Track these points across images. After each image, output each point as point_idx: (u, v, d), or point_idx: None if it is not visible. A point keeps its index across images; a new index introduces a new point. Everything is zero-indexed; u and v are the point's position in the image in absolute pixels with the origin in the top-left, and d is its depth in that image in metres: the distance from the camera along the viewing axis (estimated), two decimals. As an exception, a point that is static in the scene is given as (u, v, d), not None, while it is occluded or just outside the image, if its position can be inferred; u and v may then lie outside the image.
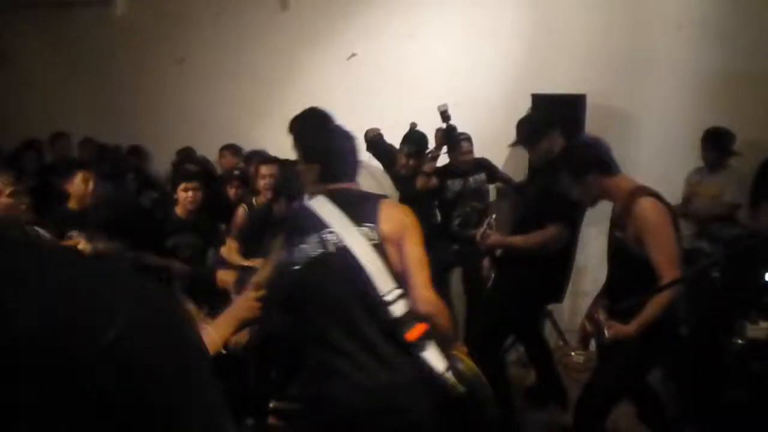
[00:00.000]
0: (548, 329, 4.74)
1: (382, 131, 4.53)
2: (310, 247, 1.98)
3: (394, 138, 4.47)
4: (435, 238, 3.87)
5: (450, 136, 4.26)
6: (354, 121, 4.12)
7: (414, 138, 4.39)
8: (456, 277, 4.60)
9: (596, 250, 3.71)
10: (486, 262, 3.94)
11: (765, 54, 4.31)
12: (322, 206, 2.03)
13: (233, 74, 5.77)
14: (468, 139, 4.45)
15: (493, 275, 3.86)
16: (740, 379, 2.90)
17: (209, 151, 5.49)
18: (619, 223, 2.80)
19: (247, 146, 5.30)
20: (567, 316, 4.76)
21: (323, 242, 1.97)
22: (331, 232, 1.97)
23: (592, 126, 4.28)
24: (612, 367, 2.84)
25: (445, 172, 4.51)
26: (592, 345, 3.19)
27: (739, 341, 2.93)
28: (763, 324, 2.91)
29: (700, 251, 3.73)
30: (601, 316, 2.79)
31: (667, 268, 2.55)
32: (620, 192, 2.78)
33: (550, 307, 4.69)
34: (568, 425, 3.07)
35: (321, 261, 1.96)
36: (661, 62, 4.57)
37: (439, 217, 4.56)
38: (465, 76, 5.00)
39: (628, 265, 2.74)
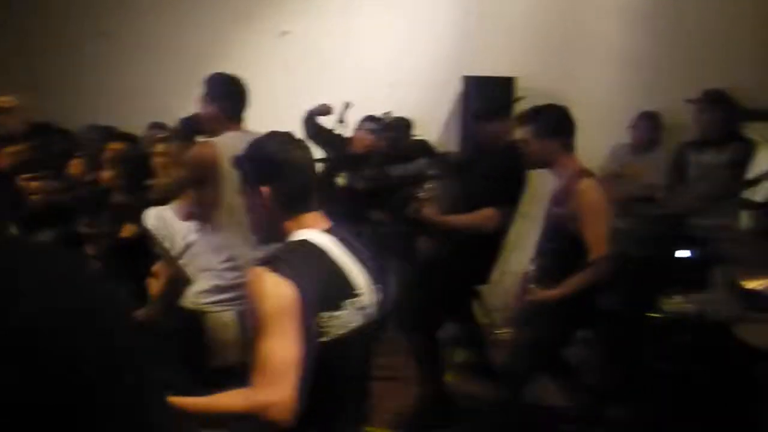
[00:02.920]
0: (477, 308, 4.87)
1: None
2: (347, 317, 1.59)
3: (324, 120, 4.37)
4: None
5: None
6: (286, 100, 4.09)
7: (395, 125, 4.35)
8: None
9: (522, 231, 3.82)
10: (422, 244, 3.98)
11: (693, 41, 4.49)
12: (338, 253, 1.64)
13: (160, 50, 5.57)
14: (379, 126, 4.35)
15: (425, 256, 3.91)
16: (661, 351, 3.05)
17: (135, 129, 5.30)
18: (559, 199, 2.92)
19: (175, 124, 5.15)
20: (493, 295, 4.87)
21: (358, 311, 1.62)
22: (361, 296, 1.64)
23: (521, 108, 4.38)
24: (533, 337, 2.97)
25: (385, 159, 4.48)
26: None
27: (659, 315, 3.09)
28: (677, 298, 3.08)
29: (620, 230, 3.88)
30: (528, 286, 2.91)
31: (597, 245, 2.73)
32: (566, 170, 2.91)
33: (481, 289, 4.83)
34: (496, 398, 3.17)
35: (355, 337, 1.61)
36: (591, 46, 4.70)
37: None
38: (399, 58, 5.01)
39: (560, 240, 2.88)
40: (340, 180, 4.16)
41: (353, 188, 4.02)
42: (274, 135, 1.74)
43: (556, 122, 2.95)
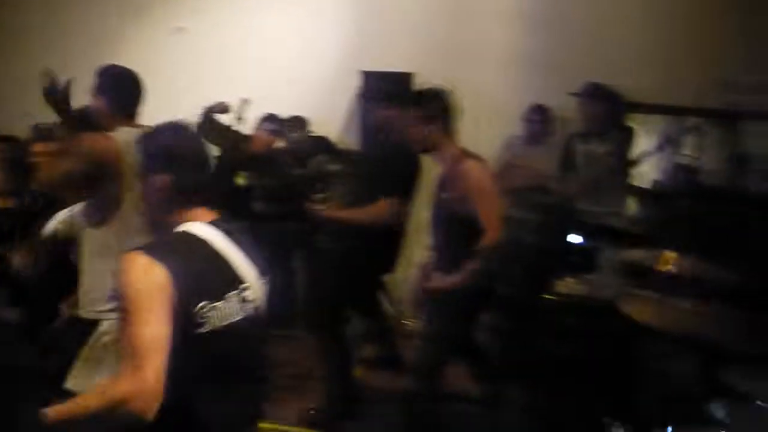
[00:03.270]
0: (384, 300, 4.94)
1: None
2: (229, 309, 1.59)
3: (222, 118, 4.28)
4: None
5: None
6: (181, 98, 3.97)
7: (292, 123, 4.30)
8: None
9: (425, 220, 3.89)
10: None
11: (581, 40, 4.70)
12: (222, 245, 1.64)
13: (46, 44, 5.26)
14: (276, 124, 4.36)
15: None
16: (555, 332, 3.21)
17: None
18: (445, 184, 2.95)
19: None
20: (399, 285, 4.96)
21: (243, 304, 1.63)
22: (247, 289, 1.65)
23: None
24: (438, 324, 3.00)
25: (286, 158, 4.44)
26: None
27: (552, 297, 3.25)
28: (569, 280, 3.25)
29: (514, 218, 4.05)
30: (428, 273, 2.94)
31: (491, 225, 2.77)
32: (449, 154, 2.94)
33: (385, 278, 4.90)
34: (407, 389, 3.23)
35: (239, 329, 1.62)
36: (485, 43, 4.83)
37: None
38: (296, 54, 4.98)
39: (452, 225, 2.92)
40: (240, 179, 4.10)
41: (254, 187, 3.98)
42: (172, 125, 1.73)
43: (438, 106, 2.97)
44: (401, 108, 3.11)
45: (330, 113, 4.46)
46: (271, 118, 4.33)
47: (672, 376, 2.51)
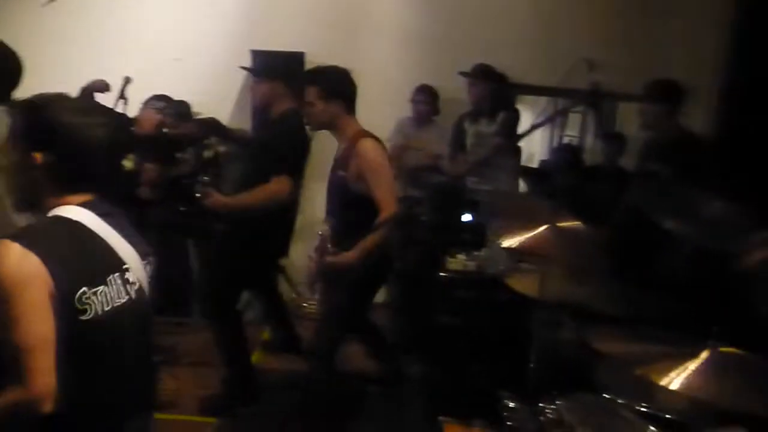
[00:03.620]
0: (282, 282, 4.90)
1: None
2: (112, 292, 1.52)
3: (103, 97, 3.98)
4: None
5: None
6: (56, 75, 3.72)
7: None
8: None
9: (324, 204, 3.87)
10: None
11: (472, 19, 4.81)
12: (99, 227, 1.54)
13: None
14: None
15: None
16: (448, 307, 3.31)
17: None
18: (342, 162, 2.96)
19: None
20: (299, 269, 4.93)
21: (126, 286, 1.56)
22: (128, 271, 1.58)
23: (311, 83, 4.43)
24: (334, 304, 3.02)
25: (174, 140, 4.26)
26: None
27: (444, 274, 3.34)
28: (460, 257, 3.35)
29: (409, 198, 4.13)
30: (324, 251, 2.94)
31: (387, 203, 2.80)
32: (348, 133, 2.95)
33: (284, 261, 4.86)
34: (305, 370, 3.23)
35: (125, 312, 1.54)
36: (376, 23, 4.85)
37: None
38: (185, 32, 4.79)
39: (349, 202, 2.94)
40: (127, 163, 3.91)
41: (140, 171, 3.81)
42: (56, 98, 1.54)
43: (339, 84, 2.96)
44: (298, 85, 3.05)
45: (221, 94, 4.33)
46: (158, 98, 4.14)
47: (558, 344, 2.64)
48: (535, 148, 6.96)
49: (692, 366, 1.35)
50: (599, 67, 2.00)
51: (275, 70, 3.51)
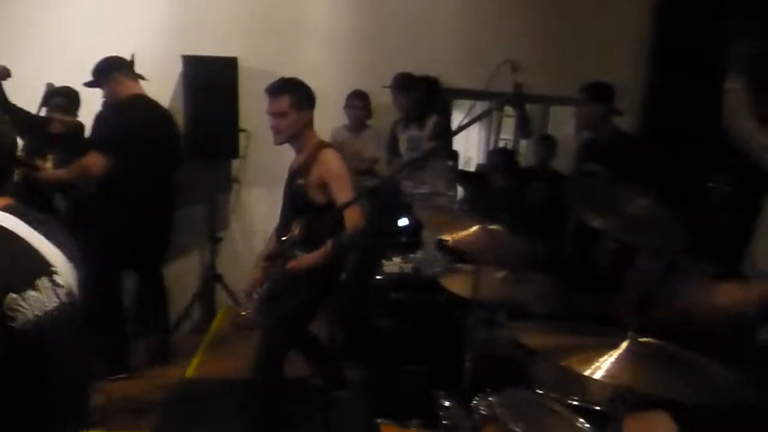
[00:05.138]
0: (219, 291, 4.83)
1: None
2: (42, 297, 1.42)
3: (20, 97, 3.79)
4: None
5: None
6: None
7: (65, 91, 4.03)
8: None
9: (263, 212, 3.85)
10: None
11: (404, 23, 4.85)
12: (23, 230, 1.46)
13: None
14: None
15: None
16: (384, 309, 3.32)
17: None
18: (302, 172, 2.97)
19: None
20: (239, 278, 4.86)
21: (56, 290, 1.46)
22: (56, 274, 1.48)
23: (244, 89, 4.39)
24: (284, 312, 3.00)
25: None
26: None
27: (379, 277, 3.35)
28: (396, 260, 3.37)
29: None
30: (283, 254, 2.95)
31: (353, 211, 2.86)
32: (309, 143, 2.99)
33: (222, 270, 4.78)
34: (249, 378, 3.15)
35: (57, 318, 1.45)
36: (309, 28, 4.83)
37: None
38: (116, 36, 4.64)
39: (306, 210, 2.95)
40: (48, 163, 3.80)
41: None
42: None
43: (309, 94, 3.00)
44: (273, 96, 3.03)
45: (153, 97, 4.21)
46: (58, 93, 4.01)
47: (493, 343, 2.68)
48: (472, 152, 7.09)
49: (613, 355, 1.39)
50: (522, 69, 2.04)
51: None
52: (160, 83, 4.49)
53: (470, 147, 7.04)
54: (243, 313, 4.67)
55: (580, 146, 4.08)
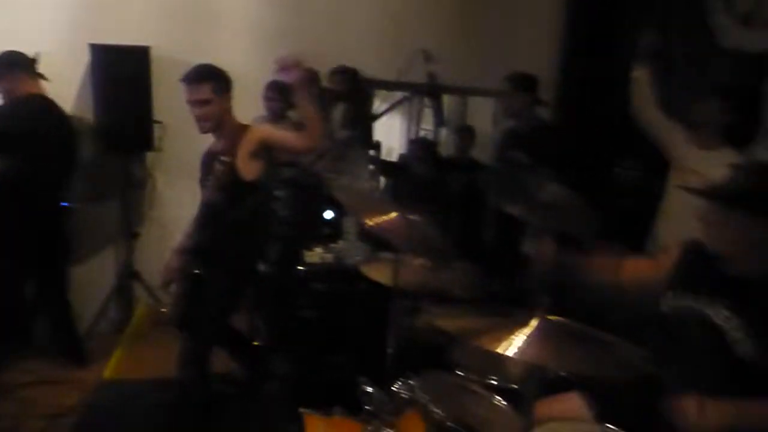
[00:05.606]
0: (137, 288, 4.69)
1: None
2: None
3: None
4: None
5: None
6: None
7: None
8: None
9: (181, 206, 3.71)
10: None
11: (317, 14, 4.80)
12: None
13: None
14: None
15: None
16: (306, 300, 3.32)
17: None
18: (227, 153, 2.95)
19: None
20: (157, 274, 4.74)
21: None
22: None
23: (158, 80, 4.25)
24: (204, 305, 2.98)
25: None
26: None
27: (302, 268, 3.34)
28: (318, 250, 3.37)
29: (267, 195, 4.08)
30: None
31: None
32: (232, 126, 2.98)
33: (139, 266, 4.64)
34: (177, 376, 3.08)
35: None
36: (224, 17, 4.72)
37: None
38: (18, 23, 4.40)
39: (233, 188, 2.95)
40: None
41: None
42: None
43: (227, 79, 2.98)
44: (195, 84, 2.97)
45: (57, 90, 4.01)
46: None
47: (414, 329, 2.72)
48: (394, 143, 7.14)
49: (523, 334, 1.44)
50: (437, 59, 2.08)
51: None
52: (70, 72, 4.31)
53: (393, 137, 7.09)
54: (163, 310, 4.56)
55: (503, 135, 4.19)
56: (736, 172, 1.86)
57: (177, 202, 4.65)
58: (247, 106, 4.48)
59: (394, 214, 2.38)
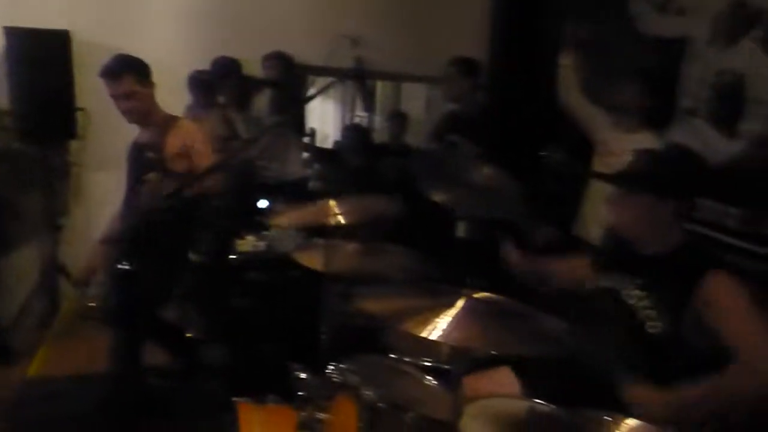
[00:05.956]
0: (63, 282, 4.53)
1: None
2: None
3: None
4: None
5: None
6: None
7: None
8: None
9: (106, 196, 3.59)
10: None
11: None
12: None
13: None
14: None
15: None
16: (239, 289, 3.28)
17: None
18: (153, 145, 2.89)
19: None
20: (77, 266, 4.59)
21: None
22: None
23: (79, 63, 4.09)
24: (134, 297, 2.90)
25: None
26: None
27: (234, 257, 3.31)
28: (250, 238, 3.33)
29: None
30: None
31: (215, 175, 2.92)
32: (158, 116, 2.95)
33: (65, 259, 4.48)
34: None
35: None
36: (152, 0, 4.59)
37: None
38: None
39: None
40: None
41: None
42: None
43: (147, 67, 2.90)
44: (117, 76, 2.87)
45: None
46: None
47: (348, 315, 2.73)
48: (329, 129, 7.11)
49: (449, 315, 1.45)
50: (364, 43, 2.08)
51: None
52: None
53: (328, 124, 7.06)
54: (91, 304, 4.42)
55: (442, 118, 4.22)
56: (635, 158, 1.96)
57: (102, 191, 4.50)
58: (173, 92, 4.40)
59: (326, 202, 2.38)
